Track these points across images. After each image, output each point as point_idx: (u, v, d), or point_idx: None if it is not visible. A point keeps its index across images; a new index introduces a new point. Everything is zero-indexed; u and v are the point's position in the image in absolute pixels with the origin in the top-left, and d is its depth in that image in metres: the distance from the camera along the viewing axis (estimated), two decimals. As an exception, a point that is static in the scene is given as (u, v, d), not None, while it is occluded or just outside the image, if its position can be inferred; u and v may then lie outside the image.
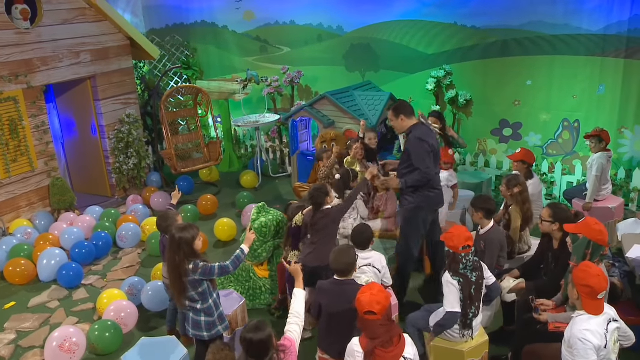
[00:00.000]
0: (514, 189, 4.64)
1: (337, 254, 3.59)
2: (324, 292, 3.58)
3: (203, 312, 3.58)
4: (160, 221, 4.26)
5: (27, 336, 4.82)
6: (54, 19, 6.81)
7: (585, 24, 6.36)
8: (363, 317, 2.89)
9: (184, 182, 8.03)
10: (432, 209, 4.68)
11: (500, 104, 7.16)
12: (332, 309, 3.50)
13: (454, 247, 3.58)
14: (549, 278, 4.04)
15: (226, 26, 9.36)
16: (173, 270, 3.48)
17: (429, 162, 4.46)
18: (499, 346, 4.18)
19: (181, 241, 3.44)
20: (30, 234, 6.35)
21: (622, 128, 6.43)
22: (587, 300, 2.94)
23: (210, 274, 3.50)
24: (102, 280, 5.75)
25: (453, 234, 3.62)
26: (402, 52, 7.73)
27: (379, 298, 2.88)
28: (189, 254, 3.47)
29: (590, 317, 2.93)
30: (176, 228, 3.52)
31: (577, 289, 2.98)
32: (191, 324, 3.63)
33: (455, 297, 3.59)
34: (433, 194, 4.60)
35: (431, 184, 4.56)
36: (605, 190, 5.72)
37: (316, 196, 4.33)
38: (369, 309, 2.85)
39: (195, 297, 3.54)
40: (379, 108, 7.08)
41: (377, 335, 2.86)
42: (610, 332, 2.93)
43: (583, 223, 3.61)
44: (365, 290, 2.98)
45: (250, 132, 9.51)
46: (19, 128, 6.50)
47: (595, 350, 2.84)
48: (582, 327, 2.90)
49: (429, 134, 4.57)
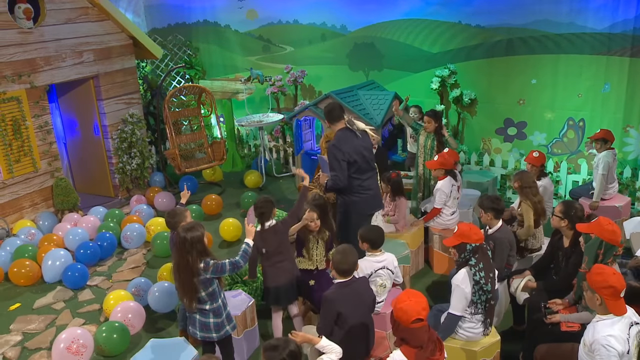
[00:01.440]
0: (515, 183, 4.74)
1: (343, 255, 3.46)
2: (339, 300, 3.39)
3: (212, 312, 3.56)
4: (169, 217, 4.24)
5: (33, 338, 4.79)
6: (57, 18, 6.77)
7: (590, 23, 6.35)
8: (409, 326, 2.73)
9: (187, 182, 7.98)
10: (362, 213, 4.60)
11: (505, 102, 7.14)
12: (350, 313, 3.41)
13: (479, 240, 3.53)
14: (561, 277, 4.02)
15: (229, 25, 9.33)
16: (184, 270, 3.45)
17: (339, 170, 4.44)
18: (510, 345, 4.16)
19: (193, 240, 3.42)
20: (34, 234, 6.32)
21: (627, 127, 6.43)
22: (611, 302, 2.86)
23: (222, 270, 3.49)
24: (108, 281, 5.72)
25: (470, 228, 3.55)
26: (406, 51, 7.71)
27: (423, 304, 2.76)
28: (202, 252, 3.45)
29: (613, 321, 2.87)
30: (183, 229, 3.48)
31: (598, 294, 2.88)
32: (199, 327, 3.60)
33: (460, 301, 3.57)
34: (358, 198, 4.55)
35: (357, 188, 4.53)
36: (612, 189, 5.72)
37: (264, 207, 4.07)
38: (417, 317, 2.72)
39: (205, 298, 3.52)
40: (384, 107, 7.06)
41: (422, 342, 2.77)
42: (632, 336, 2.88)
43: (595, 223, 3.58)
44: (405, 298, 2.80)
45: (254, 132, 9.48)
46: (22, 128, 6.47)
47: (619, 357, 2.81)
48: (606, 332, 2.83)
49: (348, 141, 4.49)
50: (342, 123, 4.57)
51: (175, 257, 3.55)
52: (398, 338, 2.88)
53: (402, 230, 5.35)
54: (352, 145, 4.49)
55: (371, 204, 4.68)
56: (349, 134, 4.54)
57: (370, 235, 4.06)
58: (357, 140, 4.55)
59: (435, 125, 5.94)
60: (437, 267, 5.55)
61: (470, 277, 3.56)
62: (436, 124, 5.95)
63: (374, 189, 4.67)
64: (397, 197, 5.29)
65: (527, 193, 4.66)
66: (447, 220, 5.44)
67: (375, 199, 4.71)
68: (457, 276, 3.62)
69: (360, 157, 4.53)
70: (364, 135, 4.62)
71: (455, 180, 5.45)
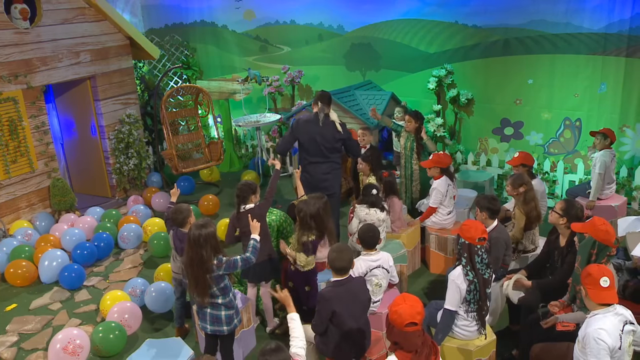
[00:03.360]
0: (519, 189, 4.63)
1: (339, 253, 3.47)
2: (334, 299, 3.42)
3: (224, 306, 3.63)
4: (175, 214, 4.25)
5: (30, 338, 4.79)
6: (54, 18, 6.76)
7: (586, 23, 6.36)
8: (403, 329, 2.74)
9: (184, 182, 8.00)
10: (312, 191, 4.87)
11: (502, 102, 7.16)
12: (345, 312, 3.42)
13: (471, 239, 3.54)
14: (556, 276, 4.02)
15: (226, 26, 9.33)
16: (198, 267, 3.48)
17: (284, 137, 5.36)
18: (506, 345, 4.17)
19: (208, 237, 3.47)
20: (30, 235, 6.31)
21: (623, 126, 6.44)
22: (593, 292, 2.94)
23: (234, 267, 3.60)
24: (105, 281, 5.71)
25: (469, 226, 3.59)
26: (403, 51, 7.72)
27: (418, 308, 2.77)
28: (215, 248, 3.50)
29: (605, 315, 2.91)
30: (196, 225, 3.53)
31: (582, 285, 3.02)
32: (210, 320, 3.65)
33: (455, 296, 3.57)
34: (304, 176, 5.15)
35: (305, 169, 5.20)
36: (610, 189, 5.72)
37: (243, 190, 4.35)
38: (411, 321, 2.73)
39: (217, 293, 3.59)
40: (381, 107, 7.07)
41: (416, 347, 2.77)
42: (625, 333, 2.91)
43: (589, 222, 3.59)
44: (400, 302, 2.81)
45: (251, 132, 9.48)
46: (18, 129, 6.46)
47: (609, 351, 2.83)
48: (597, 325, 2.88)
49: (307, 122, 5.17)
50: (316, 108, 5.20)
51: (188, 253, 3.57)
52: (392, 342, 2.88)
53: (398, 230, 5.35)
54: (307, 127, 5.15)
55: (311, 185, 5.09)
56: (313, 118, 5.19)
57: (362, 235, 4.06)
58: (316, 126, 5.14)
59: (416, 126, 5.88)
60: (434, 267, 5.56)
61: (464, 275, 3.57)
62: (416, 124, 5.88)
63: (319, 175, 5.19)
64: (390, 197, 5.29)
65: (529, 198, 4.61)
66: (444, 220, 5.45)
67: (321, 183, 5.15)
68: (454, 271, 3.64)
69: (308, 140, 5.14)
70: (328, 125, 5.15)
71: (451, 180, 5.45)
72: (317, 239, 4.25)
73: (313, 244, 4.24)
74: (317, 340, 3.60)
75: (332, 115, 5.18)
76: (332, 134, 5.14)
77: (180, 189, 8.00)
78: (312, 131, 5.10)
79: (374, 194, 4.90)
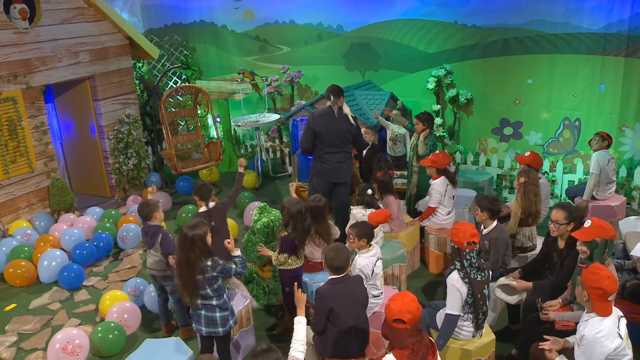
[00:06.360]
0: (520, 179, 4.70)
1: (336, 252, 3.47)
2: (331, 296, 3.43)
3: (218, 307, 3.63)
4: (141, 208, 4.34)
5: (29, 338, 4.78)
6: (53, 18, 6.76)
7: (585, 23, 6.36)
8: (391, 324, 2.78)
9: (184, 182, 8.00)
10: (321, 179, 5.48)
11: (501, 102, 7.16)
12: (343, 310, 3.43)
13: (458, 243, 3.57)
14: (556, 278, 4.01)
15: (225, 26, 9.33)
16: (187, 268, 3.48)
17: (305, 135, 5.48)
18: (505, 345, 4.18)
19: (195, 238, 3.47)
20: (30, 235, 6.30)
21: (623, 126, 6.44)
22: (598, 303, 2.92)
23: (227, 273, 3.62)
24: (104, 281, 5.71)
25: (458, 229, 3.60)
26: (403, 51, 7.72)
27: (410, 307, 2.77)
28: (204, 251, 3.49)
29: (602, 317, 2.93)
30: (186, 226, 3.53)
31: (587, 291, 2.95)
32: (204, 322, 3.65)
33: (456, 301, 3.57)
34: (320, 166, 5.46)
35: (321, 158, 5.45)
36: (610, 190, 5.72)
37: (200, 191, 4.61)
38: (398, 317, 2.75)
39: (210, 294, 3.58)
40: (380, 107, 7.06)
41: (405, 344, 2.77)
42: (622, 327, 2.96)
43: (597, 227, 3.52)
44: (397, 298, 2.85)
45: (250, 132, 9.48)
46: (18, 128, 6.45)
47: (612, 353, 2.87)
48: (595, 329, 2.90)
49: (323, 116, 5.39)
50: (329, 101, 5.42)
51: (178, 253, 3.59)
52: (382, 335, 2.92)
53: (397, 229, 5.35)
54: (322, 119, 5.38)
55: (329, 174, 5.47)
56: (327, 111, 5.42)
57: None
58: (332, 118, 5.38)
59: (424, 127, 5.91)
60: (433, 267, 5.56)
61: (461, 278, 3.58)
62: (424, 127, 5.90)
63: (334, 163, 5.44)
64: (386, 196, 5.30)
65: (529, 191, 4.65)
66: (443, 220, 5.45)
67: (334, 172, 5.47)
68: (452, 276, 3.63)
69: (325, 131, 5.36)
70: (342, 118, 5.40)
71: (452, 183, 5.44)
72: (294, 239, 4.25)
73: (287, 241, 4.24)
74: (316, 340, 3.60)
75: (345, 109, 5.45)
76: (346, 126, 5.42)
77: (179, 189, 8.07)
78: (328, 123, 5.37)
79: (369, 194, 4.93)
